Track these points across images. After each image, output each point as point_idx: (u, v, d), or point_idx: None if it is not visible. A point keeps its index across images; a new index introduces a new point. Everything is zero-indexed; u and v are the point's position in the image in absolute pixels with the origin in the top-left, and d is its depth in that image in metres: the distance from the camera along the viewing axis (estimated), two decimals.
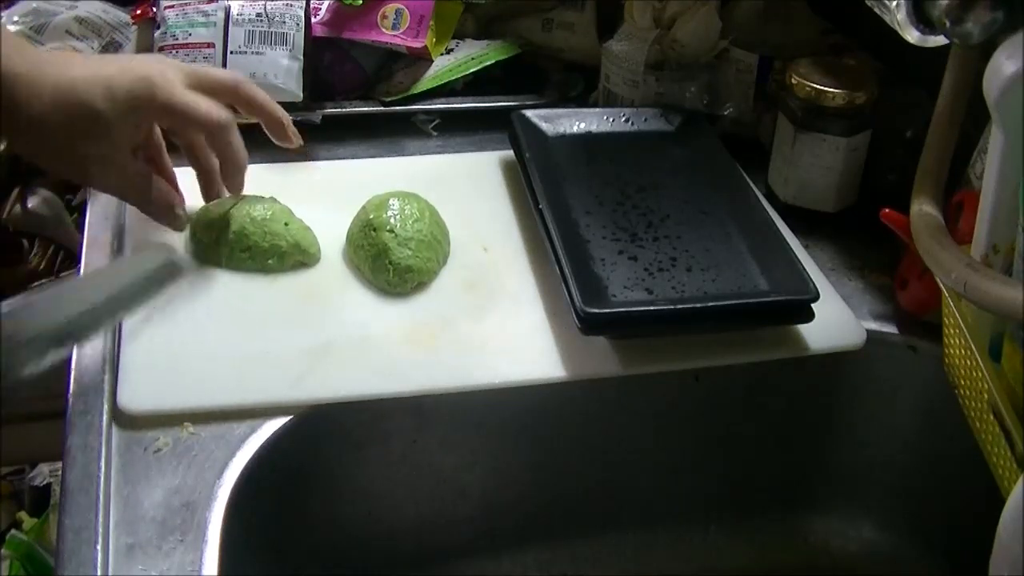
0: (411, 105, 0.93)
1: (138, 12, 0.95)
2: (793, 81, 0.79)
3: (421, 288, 0.73)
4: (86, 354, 0.66)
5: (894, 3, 0.60)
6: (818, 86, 0.78)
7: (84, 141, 0.66)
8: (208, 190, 0.75)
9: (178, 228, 0.74)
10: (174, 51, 0.87)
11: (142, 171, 0.71)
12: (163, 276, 0.67)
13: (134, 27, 0.96)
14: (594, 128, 0.87)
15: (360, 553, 0.72)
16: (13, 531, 1.15)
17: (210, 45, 0.87)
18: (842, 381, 0.76)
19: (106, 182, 0.70)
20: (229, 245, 0.73)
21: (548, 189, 0.77)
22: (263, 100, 0.73)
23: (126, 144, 0.68)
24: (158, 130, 0.74)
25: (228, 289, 0.72)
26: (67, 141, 0.65)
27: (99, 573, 0.54)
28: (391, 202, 0.74)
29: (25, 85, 0.63)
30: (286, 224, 0.74)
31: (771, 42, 0.90)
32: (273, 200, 0.76)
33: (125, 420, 0.62)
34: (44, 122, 0.64)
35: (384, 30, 0.92)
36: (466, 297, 0.73)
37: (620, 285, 0.70)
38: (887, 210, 0.69)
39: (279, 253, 0.73)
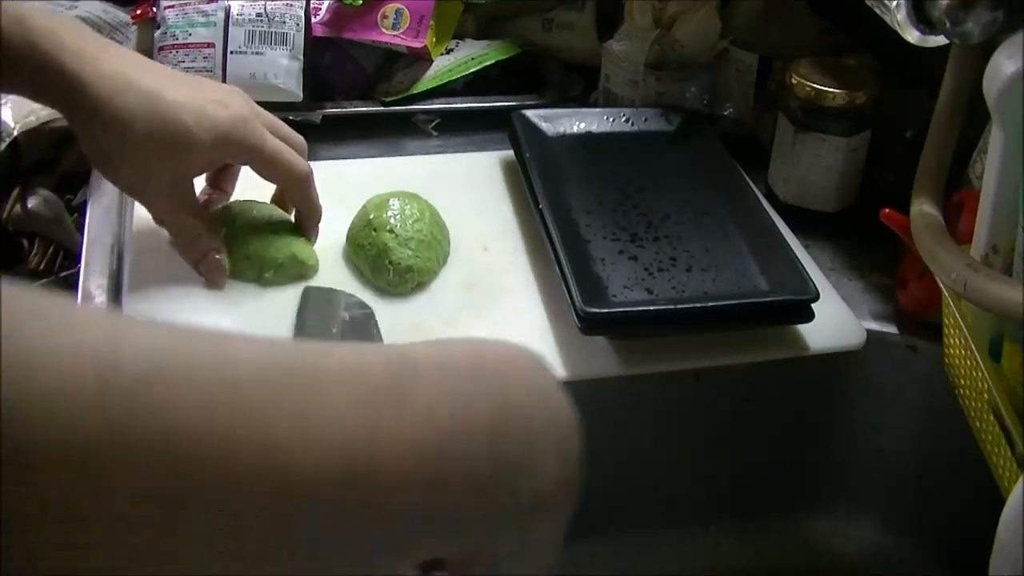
0: (411, 105, 0.93)
1: (138, 12, 0.95)
2: (793, 81, 0.79)
3: (421, 288, 0.73)
4: None
5: (894, 3, 0.60)
6: (818, 86, 0.78)
7: (164, 157, 0.65)
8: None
9: (217, 287, 0.71)
10: (174, 51, 0.87)
11: (195, 225, 0.70)
12: None
13: (134, 27, 0.96)
14: (594, 128, 0.87)
15: None
16: None
17: (210, 45, 0.87)
18: (842, 381, 0.76)
19: (160, 211, 0.71)
20: (232, 253, 0.72)
21: (548, 189, 0.77)
22: (313, 188, 0.74)
23: (200, 171, 0.70)
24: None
25: (227, 288, 0.72)
26: (147, 153, 0.65)
27: None
28: (391, 202, 0.74)
29: (123, 86, 0.63)
30: (284, 234, 0.73)
31: (771, 42, 0.90)
32: (273, 208, 0.75)
33: None
34: (134, 126, 0.64)
35: (384, 30, 0.92)
36: (466, 297, 0.73)
37: (620, 285, 0.70)
38: (887, 210, 0.69)
39: (276, 265, 0.72)
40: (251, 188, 0.76)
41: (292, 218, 0.76)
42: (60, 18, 0.70)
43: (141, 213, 0.76)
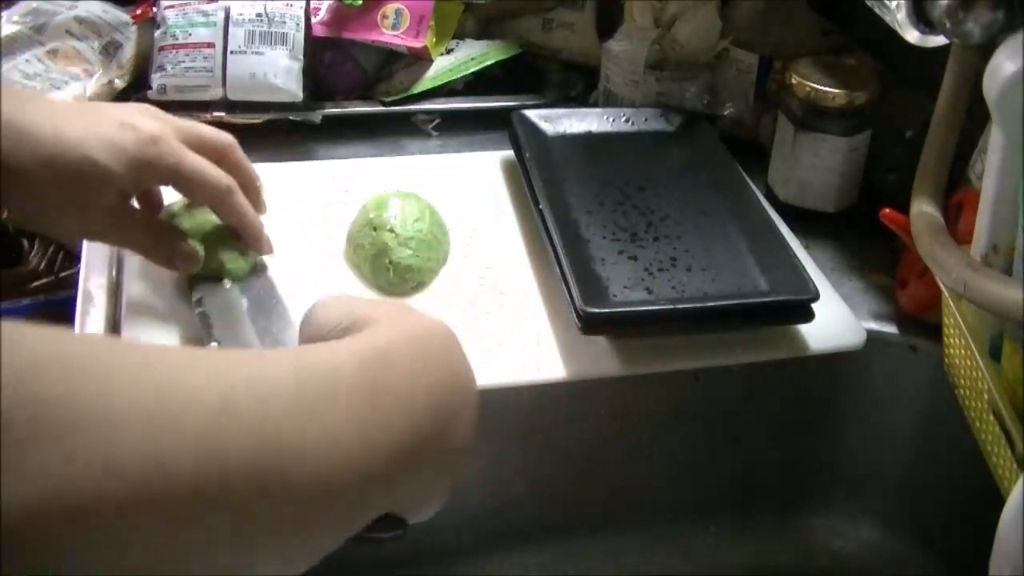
0: (411, 105, 0.93)
1: (138, 12, 0.95)
2: (793, 81, 0.79)
3: (421, 288, 0.73)
4: None
5: (894, 3, 0.60)
6: (818, 86, 0.78)
7: (78, 199, 0.61)
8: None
9: (187, 270, 0.68)
10: (174, 51, 0.87)
11: (146, 236, 0.67)
12: None
13: (134, 27, 0.96)
14: (594, 128, 0.87)
15: (359, 553, 0.72)
16: None
17: (210, 45, 0.87)
18: (842, 381, 0.76)
19: (109, 242, 0.68)
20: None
21: (548, 189, 0.77)
22: (249, 168, 0.69)
23: (126, 196, 0.65)
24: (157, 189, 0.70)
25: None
26: (61, 201, 0.61)
27: None
28: (391, 202, 0.74)
29: (15, 138, 0.58)
30: (217, 242, 0.69)
31: (771, 42, 0.90)
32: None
33: None
34: (35, 177, 0.59)
35: (384, 30, 0.92)
36: (466, 297, 0.73)
37: (620, 285, 0.70)
38: (887, 210, 0.69)
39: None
40: None
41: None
42: None
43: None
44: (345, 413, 0.37)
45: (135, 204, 0.69)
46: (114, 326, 0.69)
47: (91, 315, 0.70)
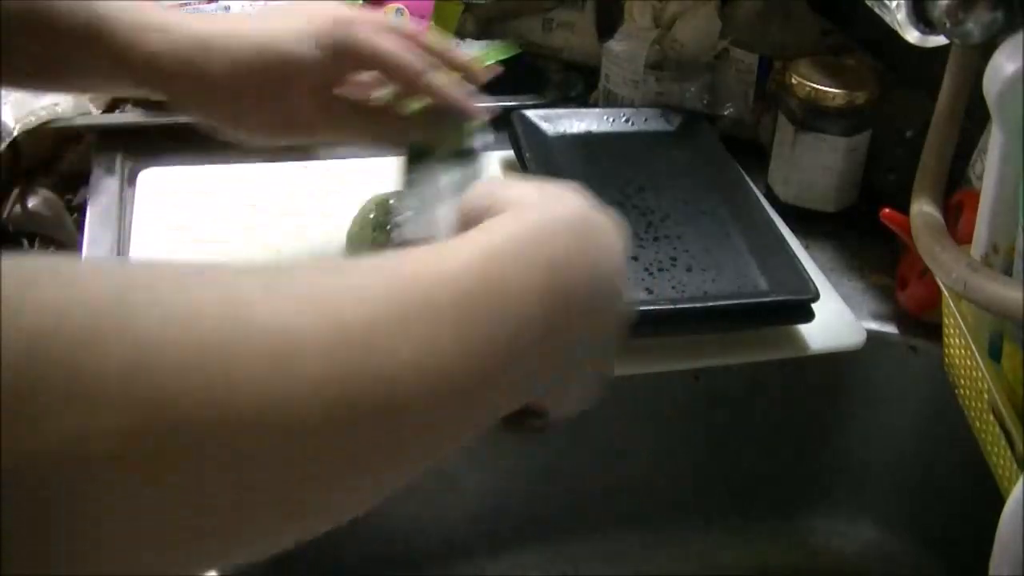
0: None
1: None
2: (793, 81, 0.79)
3: None
4: None
5: (894, 3, 0.60)
6: (818, 86, 0.78)
7: (287, 91, 0.62)
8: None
9: (399, 145, 0.69)
10: None
11: (348, 107, 0.67)
12: None
13: None
14: (594, 128, 0.87)
15: (358, 553, 0.72)
16: None
17: None
18: (842, 381, 0.76)
19: (315, 127, 0.67)
20: None
21: None
22: (444, 47, 0.69)
23: (328, 86, 0.65)
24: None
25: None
26: (264, 95, 0.62)
27: None
28: (391, 202, 0.74)
29: (220, 48, 0.60)
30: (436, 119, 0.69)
31: (771, 42, 0.90)
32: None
33: None
34: (234, 83, 0.60)
35: None
36: None
37: None
38: (887, 210, 0.69)
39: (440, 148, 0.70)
40: (248, 183, 0.76)
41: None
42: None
43: (141, 213, 0.76)
44: (449, 323, 0.36)
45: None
46: None
47: None
